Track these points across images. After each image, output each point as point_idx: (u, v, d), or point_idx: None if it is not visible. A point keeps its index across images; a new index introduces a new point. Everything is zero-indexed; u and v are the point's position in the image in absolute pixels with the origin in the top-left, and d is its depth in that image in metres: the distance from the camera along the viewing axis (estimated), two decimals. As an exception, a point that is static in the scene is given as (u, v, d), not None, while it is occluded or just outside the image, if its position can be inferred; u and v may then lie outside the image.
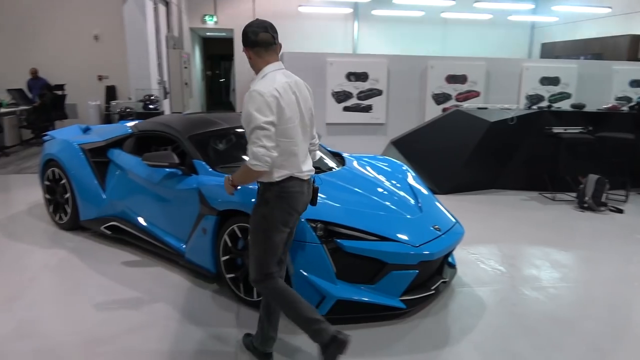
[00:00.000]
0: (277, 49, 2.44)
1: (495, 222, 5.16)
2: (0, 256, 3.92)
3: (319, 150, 4.20)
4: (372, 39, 13.47)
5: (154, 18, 9.02)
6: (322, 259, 2.79)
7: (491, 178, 6.47)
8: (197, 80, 14.58)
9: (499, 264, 3.94)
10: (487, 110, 6.56)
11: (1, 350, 2.60)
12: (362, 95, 8.22)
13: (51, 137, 4.85)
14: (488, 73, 8.62)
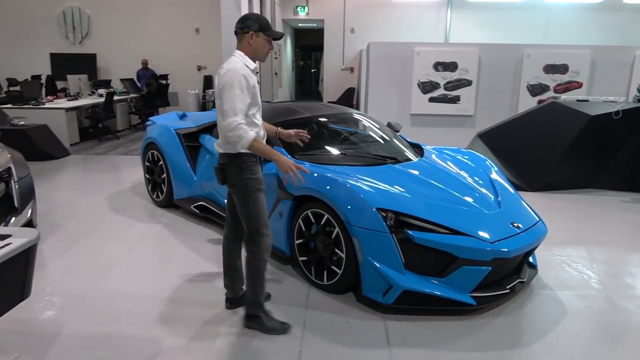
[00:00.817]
0: (240, 38, 2.63)
1: (588, 223, 4.77)
2: (107, 227, 4.43)
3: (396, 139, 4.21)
4: (466, 28, 12.88)
5: (249, 10, 9.44)
6: (391, 249, 2.80)
7: (589, 177, 5.97)
8: (287, 70, 15.02)
9: (587, 268, 3.66)
10: (588, 102, 6.04)
11: (101, 309, 2.97)
12: (449, 85, 7.96)
13: (152, 122, 5.34)
14: (593, 62, 7.89)
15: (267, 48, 2.60)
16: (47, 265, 3.58)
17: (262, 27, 2.55)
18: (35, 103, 8.35)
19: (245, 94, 2.46)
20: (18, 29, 12.31)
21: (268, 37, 2.58)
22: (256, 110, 2.60)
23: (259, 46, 2.57)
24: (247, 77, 2.48)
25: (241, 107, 2.44)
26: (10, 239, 1.91)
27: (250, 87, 2.50)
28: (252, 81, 2.52)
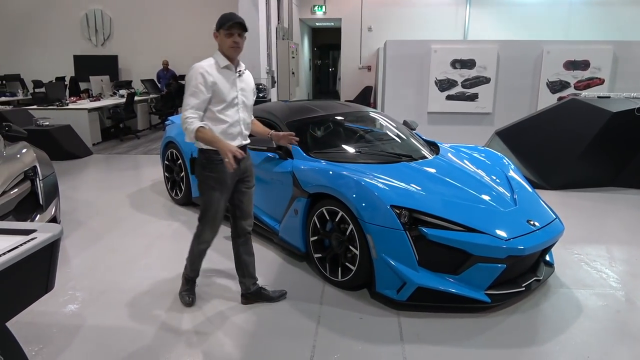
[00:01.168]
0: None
1: (608, 222, 4.69)
2: (127, 224, 4.55)
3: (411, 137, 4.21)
4: (486, 25, 12.73)
5: (266, 11, 9.52)
6: (405, 246, 2.82)
7: (610, 174, 5.86)
8: (304, 70, 15.08)
9: (605, 267, 3.61)
10: (609, 99, 5.92)
11: (122, 303, 3.06)
12: (467, 83, 7.90)
13: (171, 122, 5.44)
14: (615, 58, 7.73)
15: (228, 42, 2.64)
16: (70, 260, 3.70)
17: (219, 24, 2.65)
18: (59, 104, 8.59)
19: (200, 90, 2.60)
20: (43, 33, 12.65)
21: (226, 32, 2.63)
22: (224, 106, 2.67)
23: (222, 43, 2.66)
24: (204, 74, 2.60)
25: (191, 103, 2.60)
26: (35, 234, 1.98)
27: (209, 83, 2.60)
28: (212, 78, 2.61)
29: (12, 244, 1.88)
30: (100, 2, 12.38)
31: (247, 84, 2.82)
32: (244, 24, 2.66)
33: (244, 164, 2.80)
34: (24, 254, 1.84)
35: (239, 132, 2.77)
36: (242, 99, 2.77)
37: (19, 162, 3.92)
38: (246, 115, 2.82)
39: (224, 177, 2.73)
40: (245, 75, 2.82)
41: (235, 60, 2.73)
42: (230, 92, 2.69)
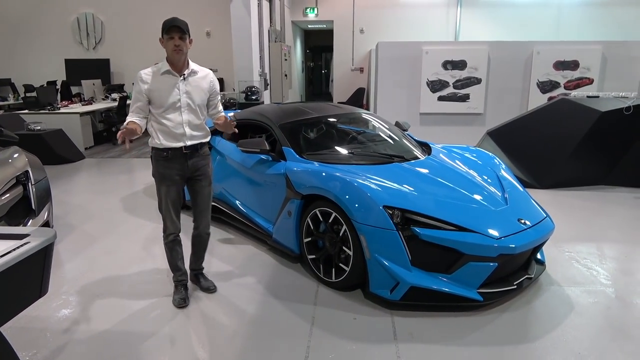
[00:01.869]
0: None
1: (599, 220, 4.75)
2: (121, 228, 4.54)
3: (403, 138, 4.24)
4: (476, 26, 12.81)
5: (258, 14, 9.53)
6: (398, 246, 2.84)
7: (601, 173, 5.93)
8: (297, 72, 15.10)
9: (596, 264, 3.65)
10: (598, 98, 6.00)
11: (115, 308, 3.06)
12: (458, 84, 7.96)
13: (164, 125, 5.43)
14: (604, 58, 7.83)
15: (170, 46, 2.79)
16: (64, 265, 3.69)
17: (162, 29, 2.79)
18: (50, 108, 8.54)
19: (136, 97, 2.84)
20: (34, 37, 12.57)
21: (167, 36, 2.79)
22: (163, 110, 2.85)
23: (166, 47, 2.82)
24: (140, 81, 2.83)
25: (131, 107, 2.86)
26: (29, 238, 1.99)
27: (144, 90, 2.81)
28: (147, 85, 2.81)
29: (6, 248, 1.88)
30: (92, 6, 12.33)
31: (196, 86, 2.92)
32: (182, 28, 2.77)
33: (192, 161, 2.97)
34: (18, 259, 1.84)
35: (183, 133, 2.89)
36: (187, 102, 2.88)
37: (10, 167, 3.91)
38: (193, 116, 2.92)
39: (168, 172, 2.93)
40: (197, 77, 2.93)
41: (181, 63, 2.86)
42: (170, 97, 2.84)
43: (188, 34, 2.82)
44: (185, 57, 2.86)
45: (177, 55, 2.80)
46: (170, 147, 2.88)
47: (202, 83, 2.95)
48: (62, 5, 12.33)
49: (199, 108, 2.94)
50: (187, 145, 2.91)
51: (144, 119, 2.87)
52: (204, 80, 2.97)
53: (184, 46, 2.80)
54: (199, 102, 2.93)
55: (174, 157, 2.91)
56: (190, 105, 2.89)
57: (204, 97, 2.96)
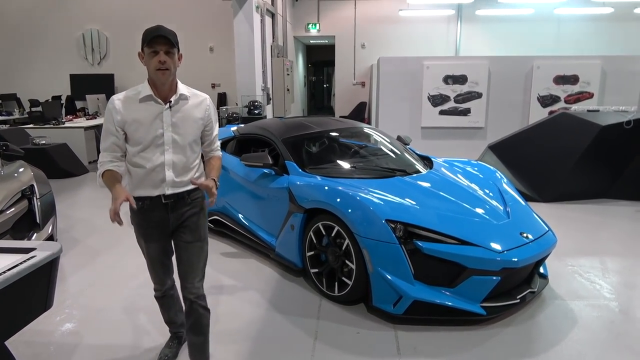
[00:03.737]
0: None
1: (601, 233, 4.74)
2: (124, 242, 4.55)
3: (405, 152, 4.27)
4: (477, 41, 12.96)
5: (261, 29, 9.66)
6: (400, 259, 2.85)
7: (602, 186, 5.93)
8: (299, 86, 15.22)
9: (599, 278, 3.65)
10: (598, 112, 6.04)
11: (118, 322, 3.06)
12: (459, 98, 8.02)
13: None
14: (604, 72, 7.89)
15: (153, 64, 2.09)
16: (67, 278, 3.70)
17: (142, 40, 2.11)
18: (55, 123, 8.62)
19: (108, 130, 2.18)
20: (40, 53, 12.74)
21: (149, 49, 2.09)
22: (141, 148, 2.17)
23: (147, 64, 2.12)
24: (112, 110, 2.16)
25: (102, 145, 2.20)
26: (35, 252, 2.01)
27: (117, 122, 2.15)
28: (121, 115, 2.14)
29: (13, 262, 1.90)
30: (97, 22, 12.51)
31: (185, 117, 2.22)
32: (170, 38, 2.08)
33: (177, 213, 2.27)
34: (24, 272, 1.86)
35: (163, 179, 2.19)
36: (172, 137, 2.18)
37: (16, 181, 3.94)
38: (180, 156, 2.22)
39: (145, 224, 2.29)
40: (188, 104, 2.24)
41: (166, 87, 2.16)
42: (150, 131, 2.15)
43: (177, 47, 2.12)
44: (172, 77, 2.16)
45: (162, 77, 2.11)
46: (146, 196, 2.21)
47: (195, 112, 2.25)
48: (68, 22, 12.51)
49: (190, 145, 2.24)
50: (168, 195, 2.22)
51: (122, 160, 2.22)
52: (198, 108, 2.26)
53: (172, 64, 2.11)
54: (190, 138, 2.23)
55: (151, 208, 2.24)
56: (176, 142, 2.19)
57: (197, 130, 2.26)
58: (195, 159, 2.30)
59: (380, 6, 13.17)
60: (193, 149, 2.28)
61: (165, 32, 2.09)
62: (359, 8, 13.35)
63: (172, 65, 2.12)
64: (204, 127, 2.31)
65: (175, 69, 2.16)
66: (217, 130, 2.43)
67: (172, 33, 2.13)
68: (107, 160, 2.19)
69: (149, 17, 12.18)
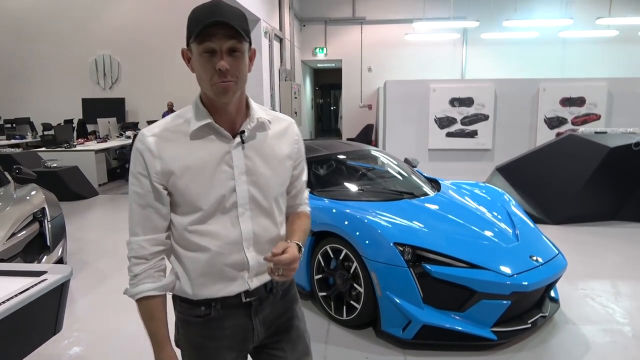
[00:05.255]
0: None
1: (612, 256, 4.69)
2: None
3: (413, 175, 4.28)
4: (482, 64, 13.09)
5: (269, 54, 9.84)
6: (409, 283, 2.84)
7: (613, 208, 5.88)
8: (306, 109, 15.38)
9: (611, 302, 3.59)
10: (606, 134, 6.03)
11: (126, 346, 3.05)
12: (466, 120, 8.06)
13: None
14: (610, 94, 7.91)
15: (208, 71, 1.21)
16: (76, 301, 3.71)
17: (188, 31, 1.23)
18: (67, 146, 8.76)
19: (139, 193, 1.29)
20: (53, 77, 13.04)
21: (199, 45, 1.20)
22: (200, 216, 1.30)
23: (197, 72, 1.25)
24: (144, 153, 1.27)
25: (132, 223, 1.31)
26: (46, 275, 2.03)
27: (155, 173, 1.26)
28: (162, 162, 1.26)
29: (24, 285, 1.92)
30: (109, 48, 12.81)
31: (267, 157, 1.36)
32: (236, 25, 1.19)
33: (268, 316, 1.43)
34: (36, 295, 1.88)
35: (242, 264, 1.34)
36: (250, 193, 1.32)
37: (28, 204, 4.00)
38: (263, 224, 1.36)
39: (212, 343, 1.41)
40: (268, 136, 1.37)
41: (232, 109, 1.29)
42: (213, 186, 1.29)
43: (248, 39, 1.24)
44: (241, 92, 1.29)
45: (225, 95, 1.23)
46: (213, 297, 1.35)
47: (281, 146, 1.39)
48: (81, 47, 12.83)
49: (276, 202, 1.39)
50: (254, 290, 1.36)
51: (162, 248, 1.33)
52: (283, 139, 1.40)
53: (239, 70, 1.23)
54: (276, 191, 1.39)
55: (222, 316, 1.37)
56: (257, 201, 1.34)
57: (285, 176, 1.42)
58: (283, 222, 1.46)
59: (387, 30, 13.39)
60: (280, 207, 1.42)
61: (227, 16, 1.18)
62: (365, 32, 13.57)
63: (240, 73, 1.23)
64: (293, 168, 1.44)
65: (245, 77, 1.26)
66: (306, 175, 1.53)
67: (239, 15, 1.22)
68: (140, 261, 1.31)
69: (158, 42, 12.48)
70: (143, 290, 1.31)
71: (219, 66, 1.20)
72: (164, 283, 1.34)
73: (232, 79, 1.22)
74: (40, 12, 12.84)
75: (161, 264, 1.34)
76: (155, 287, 1.32)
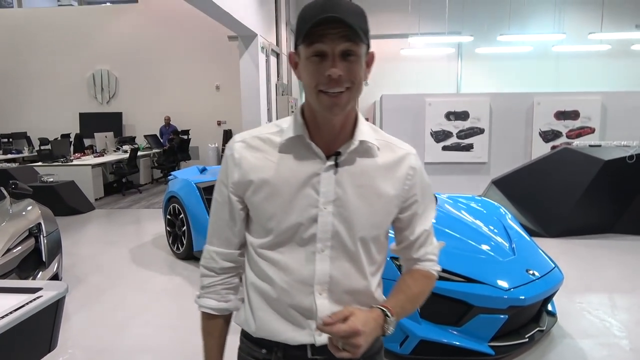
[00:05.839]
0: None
1: (608, 269, 4.69)
2: (128, 280, 4.55)
3: None
4: (477, 78, 13.21)
5: (266, 68, 9.92)
6: (406, 297, 2.83)
7: (608, 221, 5.90)
8: (303, 123, 15.45)
9: (608, 315, 3.59)
10: (600, 147, 6.08)
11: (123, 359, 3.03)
12: (462, 134, 8.11)
13: (174, 177, 5.56)
14: (604, 108, 7.99)
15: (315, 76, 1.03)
16: (71, 317, 3.68)
17: (297, 30, 1.05)
18: (64, 160, 8.76)
19: (220, 195, 1.17)
20: (51, 92, 13.09)
21: (308, 48, 1.03)
22: (270, 241, 1.12)
23: (303, 78, 1.08)
24: (229, 159, 1.15)
25: (212, 226, 1.21)
26: (42, 292, 2.02)
27: (232, 181, 1.14)
28: (238, 171, 1.13)
29: (19, 302, 1.91)
30: (107, 63, 12.90)
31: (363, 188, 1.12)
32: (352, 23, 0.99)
33: None
34: (30, 313, 1.87)
35: (310, 309, 1.12)
36: (334, 226, 1.10)
37: (24, 220, 3.99)
38: (345, 267, 1.13)
39: None
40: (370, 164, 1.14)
41: (335, 125, 1.10)
42: (292, 208, 1.10)
43: (366, 40, 1.06)
44: (352, 106, 1.09)
45: (332, 108, 1.05)
46: (275, 340, 1.16)
47: (386, 181, 1.15)
48: (79, 62, 12.91)
49: (364, 246, 1.14)
50: (322, 347, 1.10)
51: (232, 265, 1.20)
52: (391, 173, 1.16)
53: (354, 78, 1.05)
54: (367, 232, 1.13)
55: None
56: (340, 237, 1.11)
57: (383, 216, 1.16)
58: (375, 272, 1.19)
59: (382, 45, 13.50)
60: (371, 254, 1.16)
61: (343, 11, 0.99)
62: (361, 47, 13.67)
63: (353, 81, 1.04)
64: (398, 210, 1.18)
65: (359, 87, 1.07)
66: (431, 220, 1.27)
67: (357, 11, 1.03)
68: (210, 274, 1.20)
69: (156, 57, 12.57)
70: (204, 306, 1.21)
71: (329, 72, 1.02)
72: (227, 306, 1.21)
73: (343, 87, 1.04)
74: (38, 27, 12.95)
75: (231, 281, 1.21)
76: (218, 307, 1.20)
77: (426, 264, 1.26)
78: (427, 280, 1.25)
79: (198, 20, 10.33)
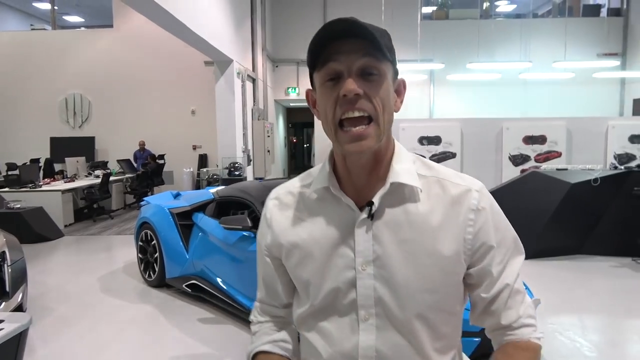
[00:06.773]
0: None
1: (578, 290, 4.80)
2: (97, 310, 4.40)
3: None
4: (449, 103, 13.60)
5: (242, 94, 9.98)
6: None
7: (577, 243, 6.06)
8: (279, 147, 15.51)
9: (579, 335, 3.66)
10: (567, 171, 6.30)
11: (89, 394, 2.91)
12: (434, 158, 8.28)
13: (147, 202, 5.47)
14: (569, 132, 8.31)
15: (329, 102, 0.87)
16: (36, 351, 3.53)
17: (309, 56, 0.89)
18: (32, 186, 8.53)
19: (259, 257, 1.08)
20: (21, 116, 12.81)
21: (320, 72, 0.88)
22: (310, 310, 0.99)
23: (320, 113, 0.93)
24: (262, 218, 1.07)
25: (258, 279, 1.12)
26: (3, 324, 1.95)
27: (265, 243, 1.04)
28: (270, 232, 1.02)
29: (-21, 336, 1.84)
30: (80, 87, 12.75)
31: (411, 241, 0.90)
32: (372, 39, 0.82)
33: None
34: (-9, 347, 1.80)
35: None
36: (377, 294, 0.91)
37: (-13, 248, 3.85)
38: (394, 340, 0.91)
39: None
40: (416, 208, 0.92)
41: (365, 166, 0.92)
42: (329, 273, 0.94)
43: (390, 57, 0.87)
44: (385, 139, 0.91)
45: (356, 141, 0.85)
46: None
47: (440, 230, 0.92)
48: (51, 86, 12.72)
49: (422, 319, 0.91)
50: None
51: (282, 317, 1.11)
52: (447, 217, 0.93)
53: (379, 95, 0.85)
54: (422, 300, 0.90)
55: None
56: (387, 306, 0.90)
57: (439, 279, 0.91)
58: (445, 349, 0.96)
59: (357, 71, 13.78)
60: (435, 327, 0.94)
61: (359, 26, 0.82)
62: (336, 73, 13.93)
63: (379, 104, 0.87)
64: (468, 265, 0.95)
65: (389, 114, 0.90)
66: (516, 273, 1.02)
67: (376, 27, 0.85)
68: (258, 329, 1.10)
69: (130, 81, 12.50)
70: (256, 345, 1.06)
71: (343, 91, 0.82)
72: (281, 337, 1.06)
73: (365, 112, 0.83)
74: (10, 51, 12.76)
75: (282, 323, 1.11)
76: (269, 339, 1.05)
77: (523, 330, 0.98)
78: (528, 354, 0.96)
79: (174, 45, 10.36)
